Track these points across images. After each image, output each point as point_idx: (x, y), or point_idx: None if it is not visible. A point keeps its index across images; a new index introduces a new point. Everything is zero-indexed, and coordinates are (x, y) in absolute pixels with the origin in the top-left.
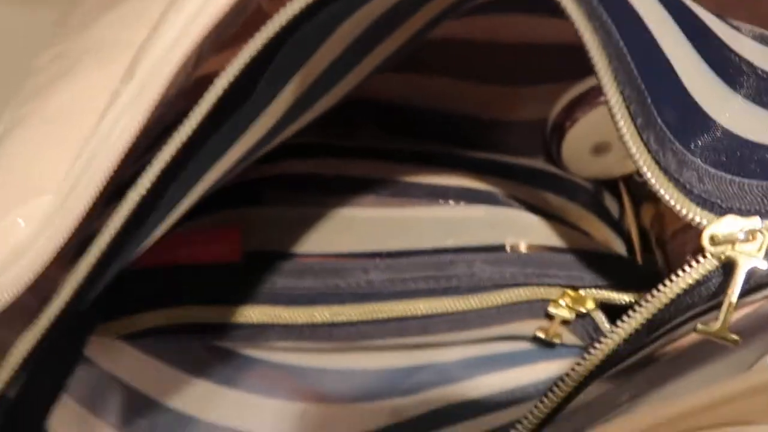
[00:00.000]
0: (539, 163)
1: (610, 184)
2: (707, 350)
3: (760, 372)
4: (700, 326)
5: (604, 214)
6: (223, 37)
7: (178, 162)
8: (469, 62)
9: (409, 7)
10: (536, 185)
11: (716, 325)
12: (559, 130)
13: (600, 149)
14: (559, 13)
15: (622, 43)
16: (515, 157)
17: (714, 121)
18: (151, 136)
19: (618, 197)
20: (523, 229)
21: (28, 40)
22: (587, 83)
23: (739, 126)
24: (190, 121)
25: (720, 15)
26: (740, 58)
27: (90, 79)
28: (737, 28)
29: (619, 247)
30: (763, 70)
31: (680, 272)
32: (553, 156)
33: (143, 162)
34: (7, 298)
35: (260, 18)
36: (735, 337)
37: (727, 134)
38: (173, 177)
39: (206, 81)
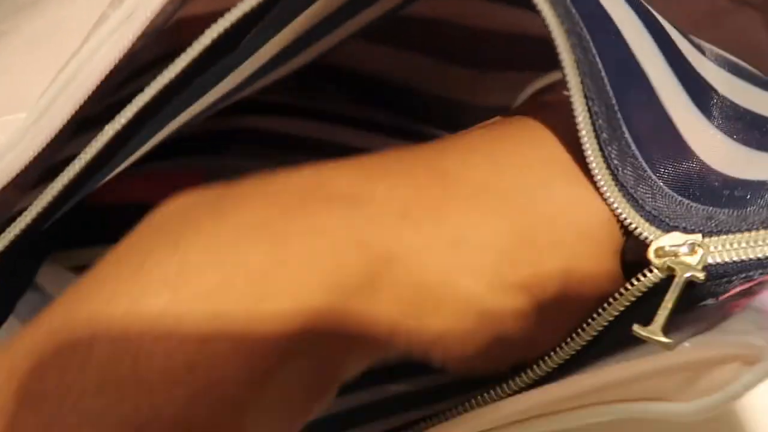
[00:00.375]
0: None
1: None
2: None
3: (676, 354)
4: (636, 327)
5: None
6: None
7: (159, 101)
8: (437, 40)
9: None
10: None
11: (651, 328)
12: None
13: None
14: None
15: (597, 58)
16: None
17: (685, 143)
18: (123, 74)
19: None
20: None
21: None
22: (552, 76)
23: (707, 154)
24: (179, 63)
25: (684, 32)
26: (706, 83)
27: (76, 2)
28: (701, 50)
29: None
30: (727, 99)
31: (628, 286)
32: None
33: (118, 97)
34: None
35: None
36: (666, 340)
37: (688, 155)
38: (151, 115)
39: (189, 23)
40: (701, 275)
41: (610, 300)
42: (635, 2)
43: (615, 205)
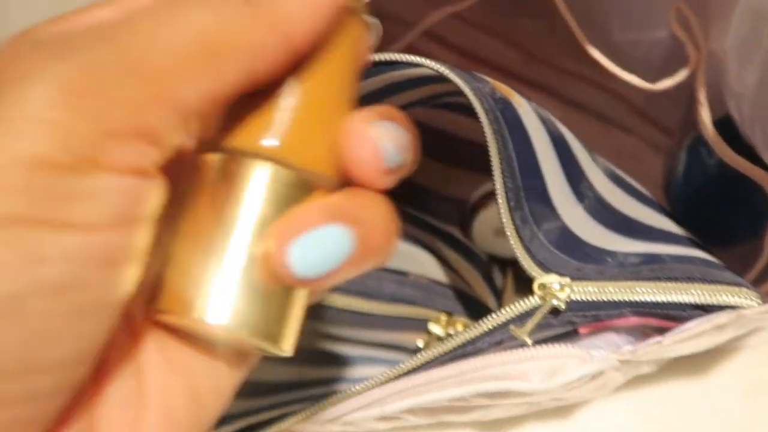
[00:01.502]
0: (455, 231)
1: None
2: None
3: (533, 349)
4: (512, 327)
5: (486, 277)
6: None
7: None
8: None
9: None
10: (444, 242)
11: (521, 329)
12: (472, 212)
13: (500, 233)
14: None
15: (513, 152)
16: (441, 222)
17: (560, 217)
18: None
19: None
20: (422, 265)
21: None
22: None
23: (574, 225)
24: None
25: (588, 148)
26: (587, 179)
27: None
28: (594, 160)
29: (491, 301)
30: (599, 193)
31: (511, 306)
32: (465, 230)
33: None
34: None
35: None
36: (527, 339)
37: (565, 228)
38: None
39: None
40: (563, 305)
41: (505, 309)
42: (544, 116)
43: (517, 253)
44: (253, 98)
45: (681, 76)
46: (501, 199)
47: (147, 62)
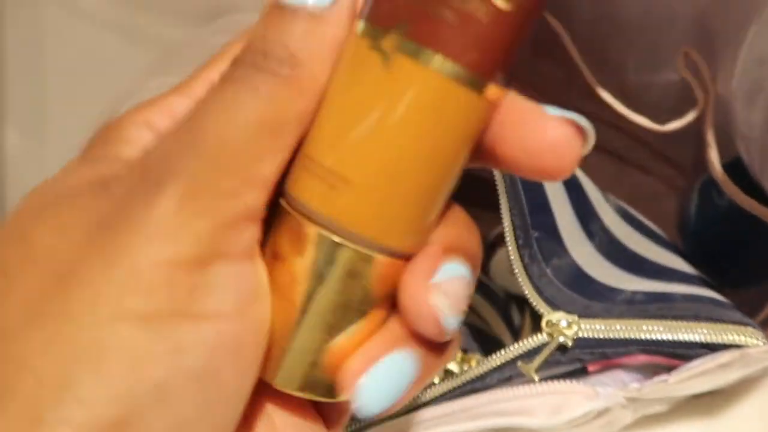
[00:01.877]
0: None
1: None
2: None
3: (539, 385)
4: (520, 363)
5: (504, 315)
6: None
7: None
8: None
9: None
10: None
11: (528, 366)
12: (490, 250)
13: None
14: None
15: (521, 190)
16: None
17: (569, 254)
18: None
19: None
20: None
21: None
22: None
23: (584, 262)
24: None
25: (600, 189)
26: (598, 218)
27: None
28: (606, 198)
29: (509, 339)
30: (612, 234)
31: (519, 342)
32: (483, 268)
33: None
34: None
35: None
36: (535, 375)
37: (574, 265)
38: None
39: None
40: (570, 342)
41: (513, 346)
42: None
43: (525, 291)
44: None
45: (689, 117)
46: (509, 236)
47: (232, 152)
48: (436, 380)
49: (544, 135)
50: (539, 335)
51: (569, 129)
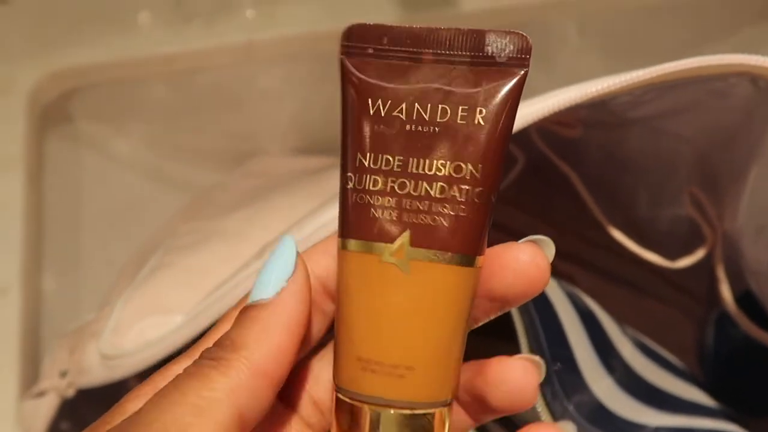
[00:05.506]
0: None
1: None
2: None
3: None
4: None
5: None
6: None
7: None
8: None
9: None
10: None
11: None
12: None
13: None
14: None
15: (540, 327)
16: None
17: (590, 389)
18: None
19: None
20: None
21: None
22: None
23: (605, 397)
24: None
25: (617, 320)
26: (617, 352)
27: (216, 253)
28: (623, 331)
29: None
30: (632, 368)
31: None
32: None
33: None
34: (122, 374)
35: None
36: None
37: (595, 401)
38: None
39: None
40: None
41: None
42: (570, 291)
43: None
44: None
45: (699, 255)
46: None
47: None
48: None
49: (517, 260)
50: None
51: (533, 247)
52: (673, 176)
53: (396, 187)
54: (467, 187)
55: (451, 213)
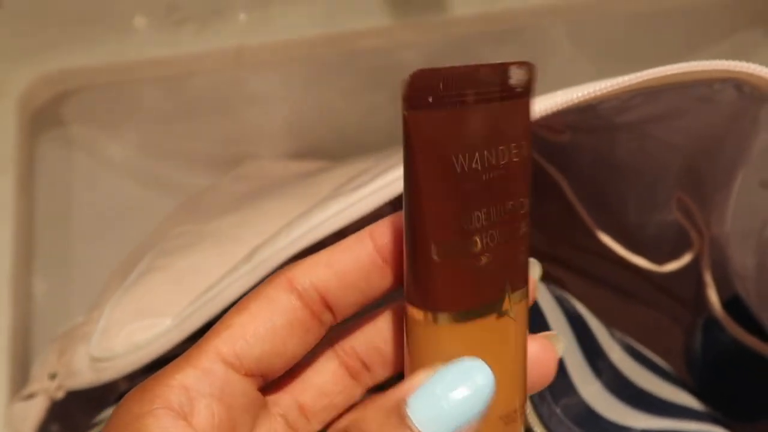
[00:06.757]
0: None
1: None
2: None
3: None
4: None
5: None
6: None
7: None
8: None
9: None
10: None
11: None
12: None
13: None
14: None
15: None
16: None
17: (578, 392)
18: None
19: None
20: None
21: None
22: None
23: (592, 400)
24: None
25: (606, 324)
26: (605, 355)
27: (207, 256)
28: (612, 335)
29: None
30: (620, 371)
31: None
32: None
33: None
34: (111, 376)
35: None
36: None
37: (583, 403)
38: None
39: None
40: None
41: None
42: (559, 296)
43: (535, 429)
44: None
45: (686, 259)
46: None
47: None
48: None
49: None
50: None
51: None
52: (661, 181)
53: (489, 241)
54: (526, 221)
55: (523, 249)
